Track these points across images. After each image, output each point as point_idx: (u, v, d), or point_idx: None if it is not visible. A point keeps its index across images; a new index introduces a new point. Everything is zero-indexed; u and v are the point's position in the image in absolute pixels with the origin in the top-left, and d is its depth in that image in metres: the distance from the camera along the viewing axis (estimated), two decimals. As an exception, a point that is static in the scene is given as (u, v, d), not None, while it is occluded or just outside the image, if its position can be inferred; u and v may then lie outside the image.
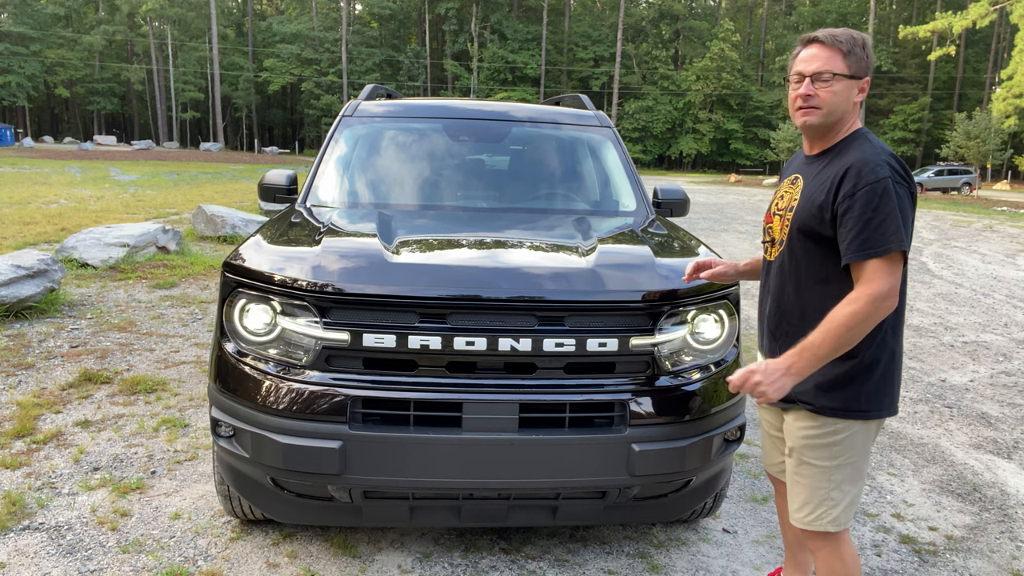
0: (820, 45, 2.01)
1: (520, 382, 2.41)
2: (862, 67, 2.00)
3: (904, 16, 70.47)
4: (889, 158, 1.92)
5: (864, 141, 1.99)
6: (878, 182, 1.86)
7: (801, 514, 2.07)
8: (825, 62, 2.00)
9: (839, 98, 2.00)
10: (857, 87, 2.01)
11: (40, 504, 3.13)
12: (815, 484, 2.02)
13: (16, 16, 62.69)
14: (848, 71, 1.99)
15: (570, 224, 3.26)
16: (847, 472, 1.99)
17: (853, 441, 1.98)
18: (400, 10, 72.10)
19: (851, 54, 1.99)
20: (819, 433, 2.00)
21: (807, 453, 2.02)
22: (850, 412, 1.97)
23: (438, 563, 2.81)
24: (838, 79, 1.99)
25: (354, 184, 3.79)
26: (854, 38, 2.00)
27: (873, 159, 1.90)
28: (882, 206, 1.85)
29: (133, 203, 15.75)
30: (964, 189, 38.01)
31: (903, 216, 1.86)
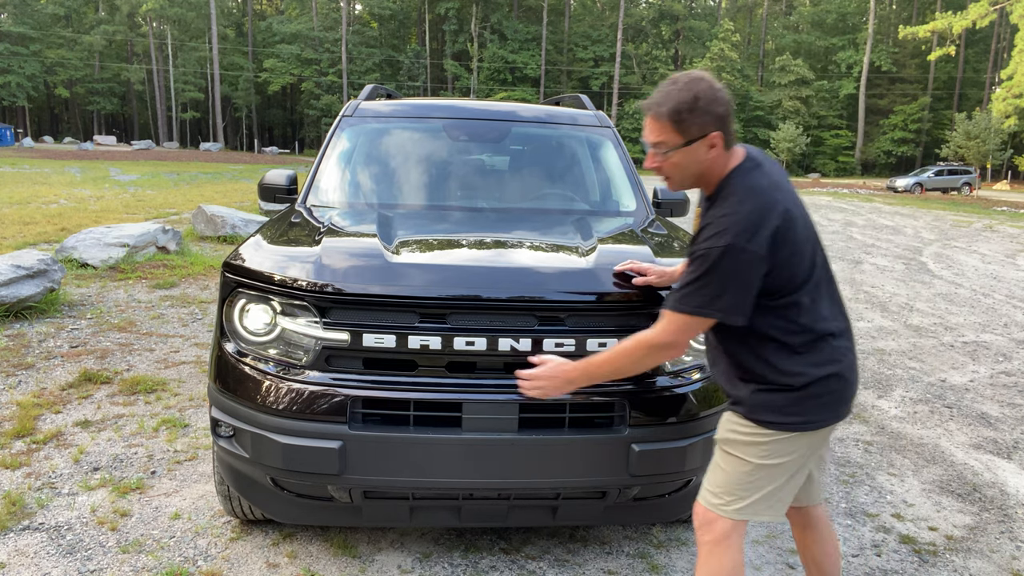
0: (650, 118, 1.96)
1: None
2: (697, 129, 1.90)
3: (904, 16, 70.46)
4: (742, 217, 1.85)
5: (730, 193, 1.93)
6: (710, 250, 1.86)
7: (710, 494, 2.10)
8: (658, 134, 1.95)
9: (684, 165, 1.97)
10: (704, 146, 1.92)
11: (40, 504, 3.13)
12: (733, 472, 2.06)
13: (16, 16, 62.69)
14: (683, 140, 1.92)
15: (570, 224, 3.26)
16: (762, 473, 2.02)
17: (771, 446, 2.00)
18: (400, 10, 72.11)
19: (681, 122, 1.90)
20: (745, 432, 2.04)
21: (731, 446, 2.07)
22: (767, 423, 2.00)
23: (438, 563, 2.81)
24: (675, 150, 1.94)
25: (354, 184, 3.79)
26: (681, 103, 1.89)
27: (724, 220, 1.88)
28: (705, 273, 1.87)
29: (133, 203, 15.75)
30: (964, 189, 38.02)
31: (728, 280, 1.86)
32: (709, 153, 1.94)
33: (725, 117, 1.93)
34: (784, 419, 1.98)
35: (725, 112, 1.93)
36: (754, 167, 1.98)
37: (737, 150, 2.01)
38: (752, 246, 1.84)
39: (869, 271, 10.83)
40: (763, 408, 2.00)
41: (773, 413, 1.99)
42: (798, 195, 2.03)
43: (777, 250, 1.87)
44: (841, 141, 65.15)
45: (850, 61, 65.87)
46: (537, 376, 2.21)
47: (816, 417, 2.00)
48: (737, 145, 2.03)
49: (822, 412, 2.00)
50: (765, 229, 1.85)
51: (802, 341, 1.97)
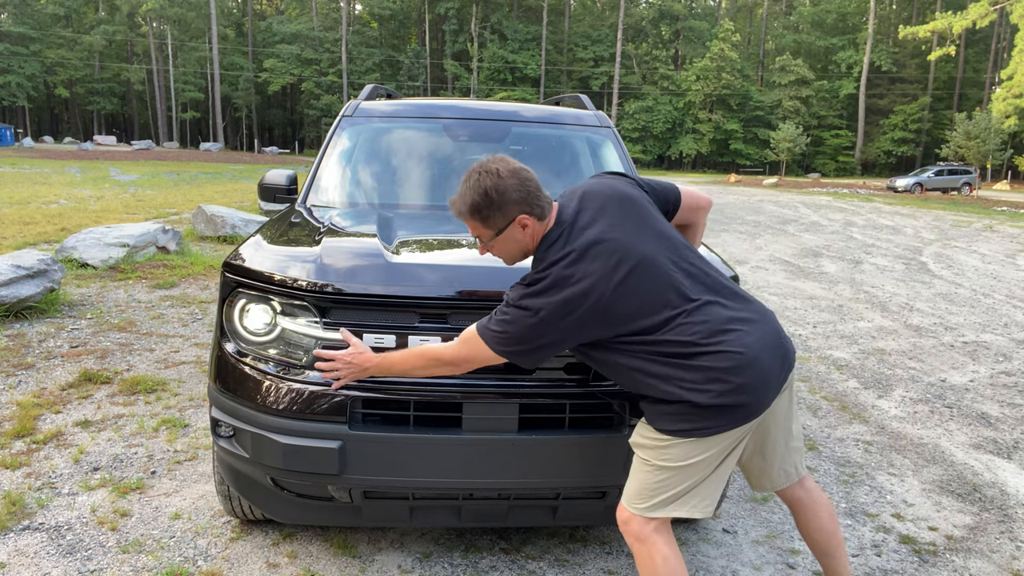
0: (458, 216, 2.09)
1: (520, 382, 2.41)
2: (500, 217, 2.02)
3: (904, 16, 70.46)
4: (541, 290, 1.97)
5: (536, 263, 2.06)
6: (513, 305, 2.01)
7: (627, 495, 2.15)
8: (473, 230, 2.11)
9: (507, 248, 2.11)
10: (516, 228, 2.04)
11: (40, 504, 3.13)
12: (641, 473, 2.11)
13: (16, 16, 62.69)
14: (495, 230, 2.06)
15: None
16: (667, 474, 2.05)
17: (671, 451, 2.04)
18: (400, 10, 72.12)
19: (484, 217, 2.03)
20: (649, 437, 2.09)
21: (639, 449, 2.13)
22: (663, 430, 2.04)
23: (438, 563, 2.81)
24: (492, 240, 2.09)
25: (354, 184, 3.79)
26: (475, 203, 2.01)
27: (518, 288, 2.02)
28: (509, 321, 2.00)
29: (133, 203, 15.76)
30: (964, 189, 38.02)
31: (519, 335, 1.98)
32: (525, 232, 2.06)
33: (524, 198, 2.02)
34: (675, 426, 2.01)
35: (521, 195, 2.02)
36: (560, 234, 2.04)
37: (552, 211, 2.10)
38: (543, 314, 1.95)
39: (869, 271, 10.83)
40: (656, 417, 2.05)
41: (664, 421, 2.03)
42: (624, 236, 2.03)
43: (575, 314, 1.95)
44: (841, 141, 65.16)
45: (850, 61, 65.89)
46: (339, 357, 2.25)
47: (708, 424, 1.98)
48: (559, 199, 2.17)
49: (714, 419, 1.98)
50: (557, 301, 1.94)
51: (676, 367, 1.98)
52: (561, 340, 2.03)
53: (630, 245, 2.02)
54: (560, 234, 2.04)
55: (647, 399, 2.08)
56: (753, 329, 2.03)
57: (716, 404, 1.96)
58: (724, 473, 2.10)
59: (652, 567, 2.07)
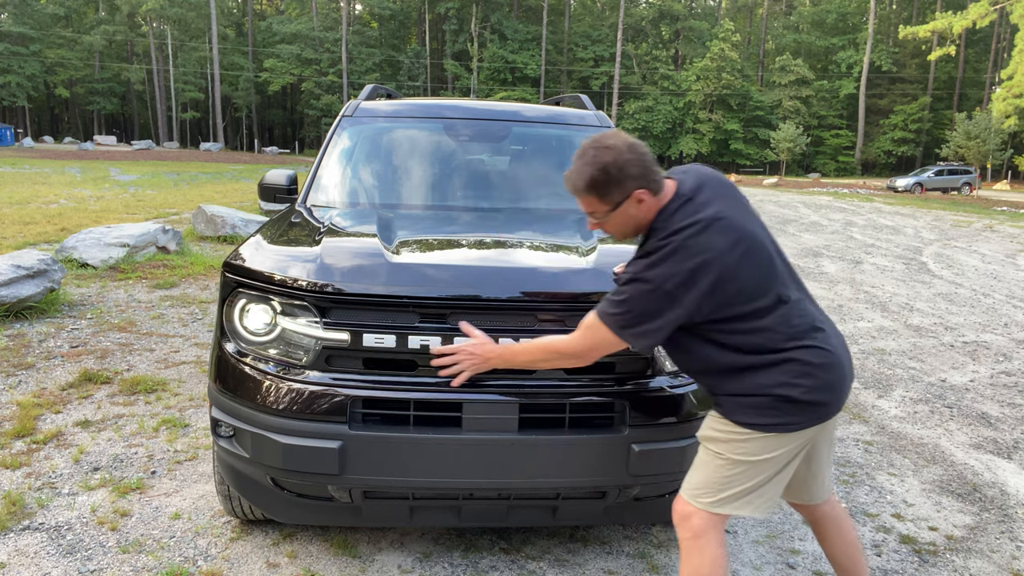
0: (573, 193, 2.05)
1: (520, 382, 2.41)
2: (618, 192, 1.98)
3: (904, 16, 70.46)
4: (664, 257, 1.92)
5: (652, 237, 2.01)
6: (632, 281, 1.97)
7: (690, 487, 2.14)
8: (587, 207, 2.06)
9: (621, 223, 2.06)
10: (632, 203, 2.00)
11: (40, 504, 3.13)
12: (711, 467, 2.10)
13: (16, 16, 62.66)
14: (609, 206, 2.01)
15: (570, 224, 3.26)
16: (739, 469, 2.05)
17: (748, 444, 2.04)
18: (400, 10, 72.10)
19: (602, 192, 1.99)
20: (723, 430, 2.08)
21: (711, 443, 2.11)
22: (743, 423, 2.04)
23: (438, 563, 2.81)
24: (607, 216, 2.04)
25: (354, 184, 3.79)
26: (592, 178, 1.97)
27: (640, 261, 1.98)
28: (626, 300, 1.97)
29: (133, 203, 15.76)
30: (964, 189, 38.02)
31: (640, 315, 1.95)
32: (640, 207, 2.01)
33: (642, 173, 1.98)
34: (760, 420, 2.00)
35: (640, 170, 1.98)
36: (680, 205, 2.01)
37: (668, 186, 2.05)
38: (668, 286, 1.91)
39: (869, 271, 10.83)
40: (739, 410, 2.04)
41: (748, 414, 2.02)
42: (740, 217, 2.02)
43: (699, 286, 1.91)
44: (841, 141, 65.15)
45: (850, 61, 65.86)
46: (461, 349, 2.26)
47: (792, 420, 2.00)
48: (673, 175, 2.10)
49: (799, 415, 2.00)
50: (683, 270, 1.90)
51: (775, 358, 1.98)
52: (682, 315, 1.95)
53: (747, 228, 2.02)
54: (680, 205, 2.00)
55: (728, 392, 2.05)
56: (834, 333, 2.09)
57: (804, 400, 1.98)
58: (788, 474, 2.11)
59: (700, 566, 2.05)
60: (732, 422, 2.05)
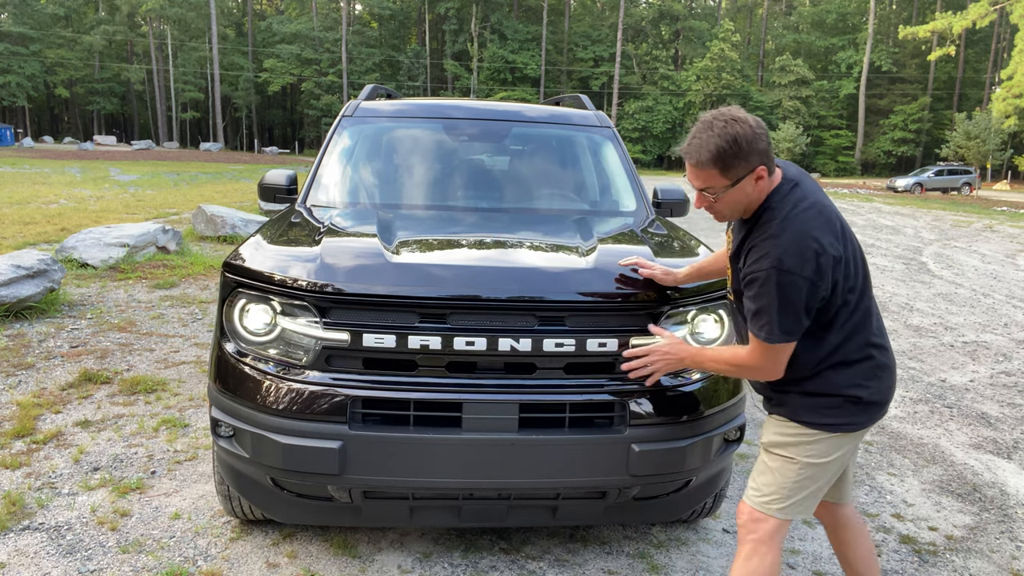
0: (691, 165, 1.98)
1: (520, 382, 2.41)
2: (743, 166, 1.92)
3: (904, 16, 70.45)
4: (787, 241, 1.88)
5: (771, 216, 1.96)
6: (760, 271, 1.91)
7: (757, 494, 2.13)
8: (705, 181, 1.98)
9: (734, 202, 2.01)
10: (751, 180, 1.95)
11: (40, 504, 3.13)
12: (781, 472, 2.10)
13: (16, 16, 62.66)
14: (730, 181, 1.95)
15: (570, 224, 3.26)
16: (809, 471, 2.07)
17: (817, 446, 2.06)
18: (400, 10, 72.10)
19: (727, 166, 1.92)
20: (791, 433, 2.09)
21: (779, 448, 2.11)
22: (811, 424, 2.07)
23: (438, 563, 2.81)
24: (724, 192, 1.98)
25: (354, 184, 3.79)
26: (722, 149, 1.89)
27: (766, 244, 1.91)
28: (762, 295, 1.92)
29: (133, 203, 15.75)
30: (964, 189, 38.01)
31: (784, 305, 1.89)
32: (757, 186, 1.97)
33: (767, 150, 1.94)
34: (828, 420, 2.04)
35: (766, 146, 1.94)
36: (792, 187, 1.99)
37: (776, 171, 2.03)
38: (800, 269, 1.87)
39: (869, 271, 10.82)
40: (807, 410, 2.06)
41: (817, 415, 2.04)
42: (835, 208, 2.05)
43: (825, 269, 1.89)
44: (841, 141, 65.14)
45: (850, 61, 65.87)
46: (655, 350, 2.25)
47: (857, 420, 2.06)
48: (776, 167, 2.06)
49: (862, 415, 2.06)
50: (809, 250, 1.87)
51: (855, 356, 2.02)
52: (821, 298, 1.92)
53: (845, 222, 2.04)
54: (792, 188, 1.99)
55: (799, 391, 2.06)
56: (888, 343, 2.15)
57: (870, 400, 2.03)
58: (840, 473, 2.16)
59: (759, 569, 2.06)
60: (799, 423, 2.07)
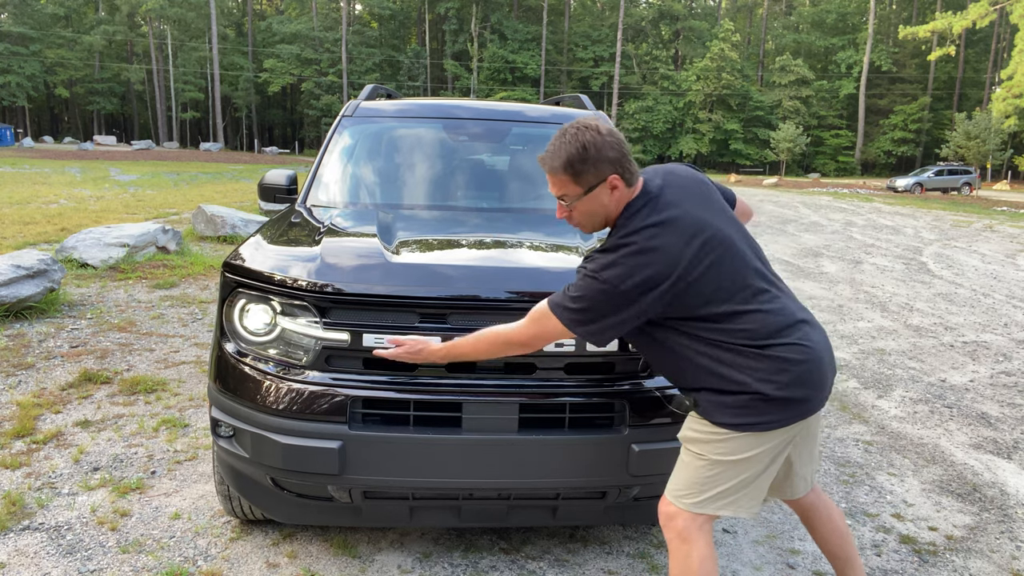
0: (548, 173, 2.01)
1: (520, 382, 2.41)
2: (593, 174, 1.96)
3: (904, 16, 70.45)
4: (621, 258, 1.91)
5: (618, 229, 2.00)
6: (586, 278, 1.95)
7: (673, 488, 2.13)
8: (560, 188, 2.02)
9: (591, 211, 2.03)
10: (605, 189, 1.98)
11: (40, 504, 3.13)
12: (692, 467, 2.09)
13: (16, 16, 62.67)
14: (583, 189, 1.98)
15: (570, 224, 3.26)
16: (720, 468, 2.04)
17: (727, 444, 2.03)
18: (400, 10, 72.11)
19: (577, 174, 1.96)
20: (702, 430, 2.07)
21: (692, 444, 2.10)
22: (721, 424, 2.03)
23: (438, 563, 2.81)
24: (578, 200, 2.01)
25: (354, 184, 3.79)
26: (571, 156, 1.94)
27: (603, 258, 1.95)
28: (579, 297, 1.96)
29: (133, 203, 15.75)
30: (964, 189, 38.01)
31: (591, 311, 1.93)
32: (612, 195, 2.00)
33: (619, 159, 1.97)
34: (737, 420, 1.99)
35: (618, 154, 1.97)
36: (645, 203, 2.00)
37: (638, 184, 2.04)
38: (624, 287, 1.90)
39: (869, 271, 10.83)
40: (715, 409, 2.02)
41: (725, 414, 2.00)
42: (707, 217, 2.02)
43: (658, 288, 1.90)
44: (841, 141, 65.15)
45: (850, 61, 65.88)
46: (399, 355, 2.26)
47: (770, 418, 1.98)
48: (642, 174, 2.08)
49: (774, 412, 1.98)
50: (640, 272, 1.89)
51: (752, 355, 1.96)
52: (638, 315, 1.95)
53: (715, 227, 2.01)
54: (646, 203, 2.00)
55: (707, 390, 2.03)
56: (815, 329, 2.07)
57: (782, 396, 1.96)
58: (772, 473, 2.10)
59: (689, 567, 2.04)
60: (710, 422, 2.04)
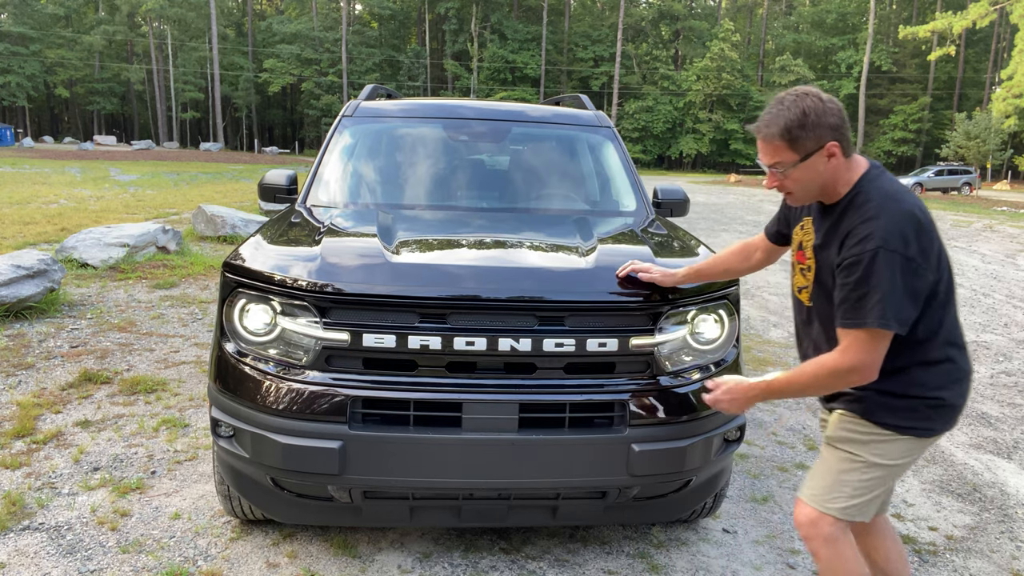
0: (761, 140, 1.97)
1: (520, 382, 2.41)
2: (812, 142, 1.90)
3: (904, 16, 70.45)
4: (889, 221, 1.82)
5: (866, 199, 1.90)
6: (864, 253, 1.82)
7: (815, 492, 2.05)
8: (772, 155, 1.97)
9: (805, 179, 1.97)
10: (822, 156, 1.92)
11: (40, 504, 3.13)
12: (846, 471, 2.01)
13: (16, 16, 62.66)
14: (799, 156, 1.93)
15: (570, 224, 3.26)
16: (877, 472, 1.99)
17: (888, 446, 1.99)
18: (400, 10, 72.11)
19: (795, 140, 1.91)
20: (863, 431, 2.00)
21: (847, 444, 2.03)
22: (888, 425, 1.98)
23: (438, 563, 2.81)
24: (793, 167, 1.95)
25: (354, 184, 3.79)
26: (789, 121, 1.89)
27: (868, 226, 1.84)
28: (865, 278, 1.82)
29: (133, 203, 15.75)
30: (964, 189, 37.99)
31: (893, 286, 1.79)
32: (829, 163, 1.93)
33: (839, 126, 1.91)
34: (906, 423, 1.96)
35: (838, 122, 1.91)
36: (880, 173, 1.96)
37: (858, 158, 1.99)
38: (904, 249, 1.81)
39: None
40: (885, 411, 1.97)
41: (896, 416, 1.97)
42: None
43: (928, 251, 1.84)
44: (841, 141, 65.03)
45: (850, 61, 65.87)
46: (716, 400, 2.13)
47: (935, 424, 1.99)
48: (856, 155, 2.01)
49: (940, 420, 1.99)
50: (912, 231, 1.82)
51: (937, 356, 1.94)
52: (929, 282, 1.85)
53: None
54: (881, 172, 1.96)
55: (881, 390, 1.95)
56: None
57: (952, 404, 1.96)
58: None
59: (845, 570, 2.00)
60: (873, 423, 1.98)
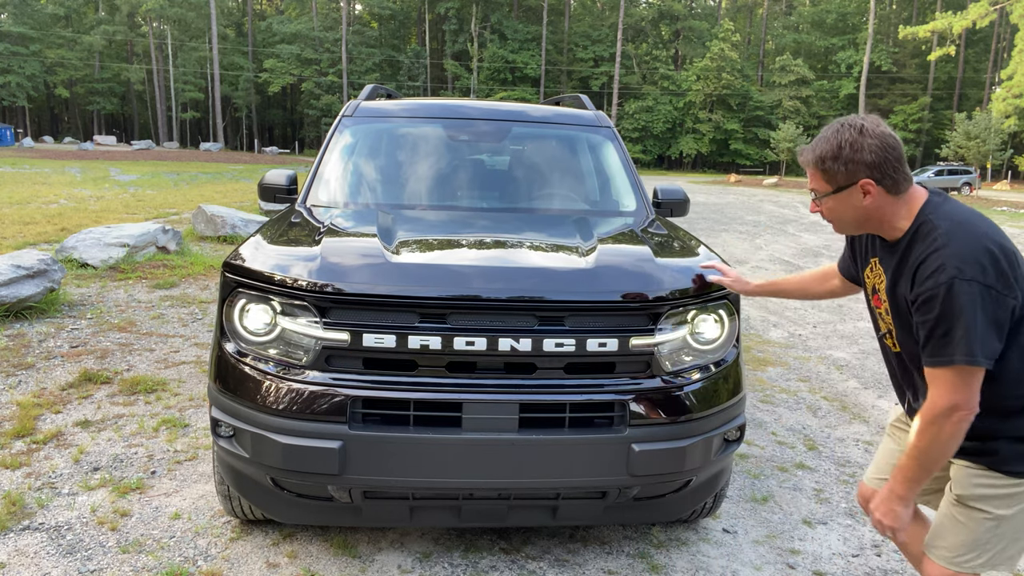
0: (805, 164, 1.95)
1: (520, 382, 2.41)
2: (843, 177, 1.85)
3: (904, 16, 70.47)
4: (961, 248, 1.72)
5: (932, 228, 1.80)
6: (939, 286, 1.71)
7: (951, 553, 1.95)
8: (812, 181, 1.95)
9: (839, 211, 1.93)
10: (856, 192, 1.85)
11: (40, 504, 3.13)
12: (979, 530, 1.91)
13: (16, 16, 62.66)
14: (831, 188, 1.89)
15: (570, 224, 3.26)
16: (1013, 524, 1.90)
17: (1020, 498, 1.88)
18: (400, 10, 72.12)
19: (827, 171, 1.87)
20: (998, 485, 1.88)
21: (980, 502, 1.90)
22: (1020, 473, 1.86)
23: (438, 563, 2.81)
24: (826, 197, 1.92)
25: (354, 184, 3.79)
26: (824, 152, 1.85)
27: (938, 256, 1.74)
28: (946, 313, 1.71)
29: (133, 203, 15.75)
30: (964, 189, 37.98)
31: (974, 318, 1.69)
32: (864, 200, 1.86)
33: (877, 164, 1.82)
34: None
35: (875, 159, 1.82)
36: (944, 200, 1.87)
37: (916, 189, 1.89)
38: (982, 278, 1.70)
39: None
40: (1018, 459, 1.84)
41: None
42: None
43: (1008, 275, 1.72)
44: (841, 141, 65.01)
45: (850, 61, 65.88)
46: (878, 523, 2.00)
47: None
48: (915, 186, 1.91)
49: None
50: (986, 257, 1.72)
51: None
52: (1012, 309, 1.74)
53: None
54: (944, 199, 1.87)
55: (1007, 437, 1.84)
56: None
57: None
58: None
59: None
60: (1006, 473, 1.85)
